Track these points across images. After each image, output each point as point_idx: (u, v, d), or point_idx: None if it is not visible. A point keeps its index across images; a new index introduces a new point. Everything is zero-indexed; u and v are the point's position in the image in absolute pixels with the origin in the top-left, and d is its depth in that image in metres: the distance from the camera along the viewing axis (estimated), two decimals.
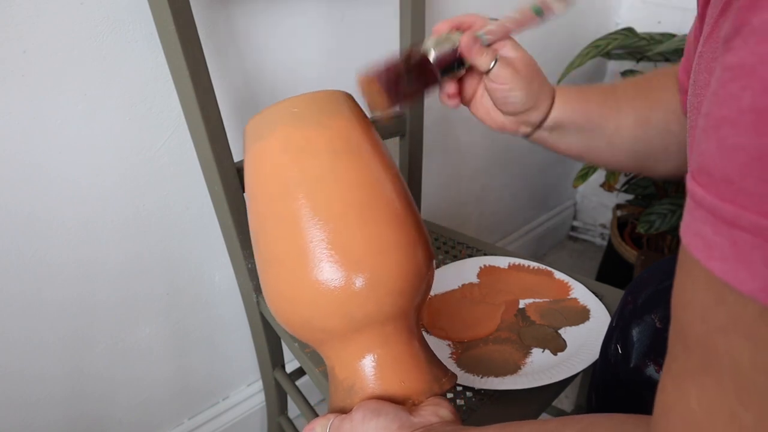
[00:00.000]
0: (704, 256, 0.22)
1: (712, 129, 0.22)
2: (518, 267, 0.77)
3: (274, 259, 0.42)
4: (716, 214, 0.22)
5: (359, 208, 0.41)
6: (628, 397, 0.48)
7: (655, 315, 0.47)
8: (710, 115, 0.23)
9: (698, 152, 0.23)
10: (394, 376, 0.42)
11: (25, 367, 0.70)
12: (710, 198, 0.22)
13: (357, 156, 0.43)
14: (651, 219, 1.04)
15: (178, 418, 0.92)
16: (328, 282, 0.39)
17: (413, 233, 0.43)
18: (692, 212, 0.23)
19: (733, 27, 0.22)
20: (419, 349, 0.44)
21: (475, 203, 1.28)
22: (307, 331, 0.42)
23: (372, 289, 0.40)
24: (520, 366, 0.61)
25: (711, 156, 0.22)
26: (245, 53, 0.72)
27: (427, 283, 0.45)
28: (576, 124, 0.52)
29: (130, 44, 0.62)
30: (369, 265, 0.40)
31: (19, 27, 0.54)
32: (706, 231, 0.22)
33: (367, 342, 0.42)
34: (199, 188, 0.75)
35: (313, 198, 0.41)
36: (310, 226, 0.40)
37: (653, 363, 0.45)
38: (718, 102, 0.22)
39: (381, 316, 0.41)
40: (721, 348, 0.22)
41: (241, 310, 0.88)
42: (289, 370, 0.86)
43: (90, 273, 0.70)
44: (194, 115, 0.59)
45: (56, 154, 0.62)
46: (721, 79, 0.22)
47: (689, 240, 0.24)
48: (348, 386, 0.42)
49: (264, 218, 0.43)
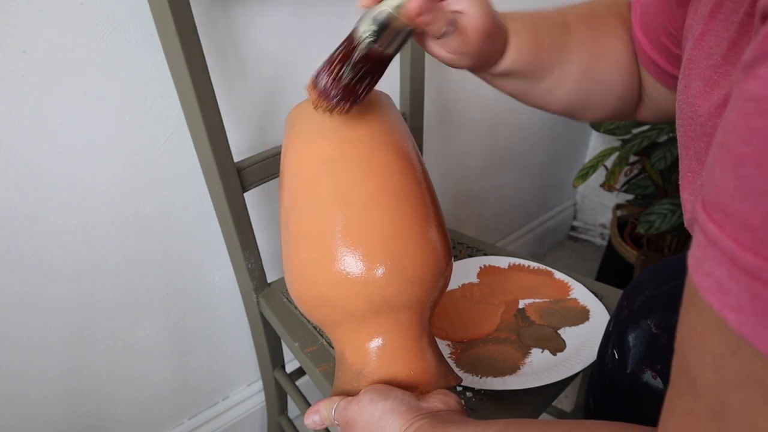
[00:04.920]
0: (718, 302, 0.21)
1: (732, 165, 0.20)
2: (518, 267, 0.77)
3: (301, 235, 0.43)
4: (734, 261, 0.20)
5: (390, 195, 0.42)
6: (625, 402, 0.48)
7: (651, 320, 0.46)
8: (729, 149, 0.21)
9: (712, 184, 0.21)
10: (404, 364, 0.43)
11: (26, 366, 0.70)
12: (727, 241, 0.20)
13: (394, 148, 0.44)
14: (651, 219, 1.04)
15: (178, 418, 0.92)
16: (353, 264, 0.41)
17: (437, 228, 0.45)
18: (704, 249, 0.22)
19: (759, 52, 0.20)
20: (430, 343, 0.45)
21: (475, 203, 1.28)
22: (325, 310, 0.43)
23: (393, 275, 0.41)
24: (520, 366, 0.61)
25: (728, 194, 0.20)
26: (245, 53, 0.72)
27: (445, 279, 0.46)
28: (523, 73, 0.48)
29: (130, 44, 0.62)
30: (394, 251, 0.41)
31: (19, 27, 0.54)
32: (721, 275, 0.20)
33: (381, 328, 0.43)
34: (199, 188, 0.75)
35: (347, 178, 0.42)
36: (339, 205, 0.42)
37: (650, 369, 0.45)
38: (738, 136, 0.20)
39: (398, 302, 0.42)
40: (736, 403, 0.21)
41: (241, 309, 0.89)
42: (289, 370, 0.86)
43: (90, 272, 0.70)
44: (194, 115, 0.59)
45: (56, 154, 0.62)
46: (743, 110, 0.20)
47: (700, 279, 0.22)
48: (357, 370, 0.43)
49: (297, 195, 0.44)
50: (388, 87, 0.85)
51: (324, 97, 0.41)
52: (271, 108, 0.78)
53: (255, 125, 0.77)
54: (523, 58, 0.47)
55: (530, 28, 0.48)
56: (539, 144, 1.36)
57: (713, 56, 0.33)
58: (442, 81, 1.00)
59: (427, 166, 0.48)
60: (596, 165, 1.12)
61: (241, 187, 0.66)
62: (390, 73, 0.46)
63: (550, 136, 1.37)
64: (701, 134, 0.36)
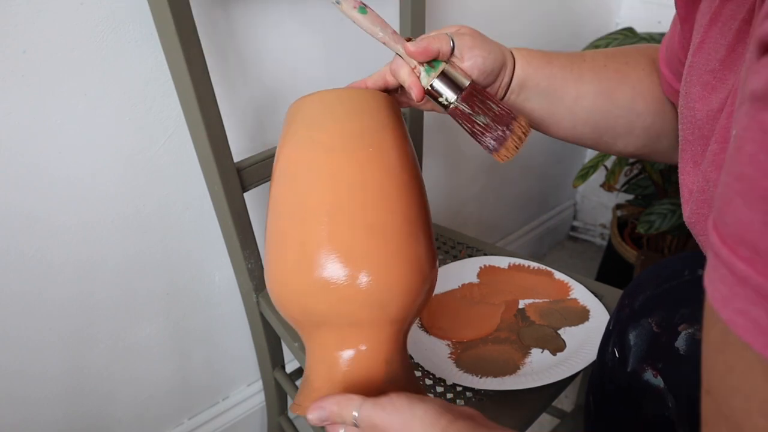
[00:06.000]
0: (760, 343, 0.20)
1: (758, 200, 0.20)
2: (518, 267, 0.77)
3: (284, 237, 0.42)
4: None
5: (375, 208, 0.41)
6: (625, 402, 0.48)
7: (652, 319, 0.47)
8: (752, 182, 0.20)
9: (735, 218, 0.21)
10: (380, 367, 0.42)
11: (26, 366, 0.70)
12: (760, 279, 0.19)
13: (382, 158, 0.42)
14: (651, 219, 1.04)
15: (178, 418, 0.92)
16: (334, 270, 0.39)
17: (423, 237, 0.43)
18: (731, 286, 0.21)
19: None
20: (405, 350, 0.45)
21: (475, 203, 1.28)
22: (304, 312, 0.42)
23: (376, 282, 0.40)
24: (520, 366, 0.61)
25: (755, 229, 0.20)
26: (245, 53, 0.72)
27: (430, 284, 0.44)
28: (539, 86, 0.50)
29: (130, 44, 0.62)
30: (375, 259, 0.40)
31: (19, 27, 0.54)
32: (759, 315, 0.20)
33: (362, 333, 0.42)
34: (199, 188, 0.75)
35: (332, 186, 0.41)
36: (325, 212, 0.40)
37: (650, 368, 0.45)
38: (760, 168, 0.20)
39: (379, 309, 0.41)
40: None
41: (241, 309, 0.88)
42: (289, 370, 0.86)
43: (90, 272, 0.70)
44: (194, 115, 0.59)
45: (56, 154, 0.62)
46: (762, 142, 0.19)
47: (732, 318, 0.21)
48: (330, 372, 0.42)
49: (284, 197, 0.43)
50: None
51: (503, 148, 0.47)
52: (271, 108, 0.78)
53: (255, 125, 0.77)
54: (533, 67, 0.49)
55: (537, 51, 0.51)
56: (539, 144, 1.36)
57: (712, 62, 0.33)
58: None
59: (427, 166, 0.48)
60: (596, 165, 1.12)
61: (241, 187, 0.66)
62: None
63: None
64: (698, 137, 0.37)
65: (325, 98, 0.44)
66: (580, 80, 0.51)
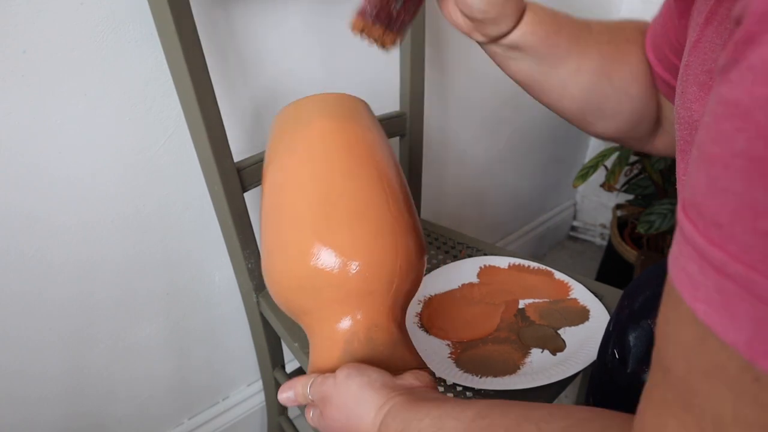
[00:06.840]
0: (689, 295, 0.22)
1: (704, 164, 0.21)
2: (518, 267, 0.77)
3: (284, 221, 0.47)
4: (704, 256, 0.21)
5: (358, 202, 0.45)
6: (625, 402, 0.48)
7: (651, 320, 0.47)
8: (703, 149, 0.22)
9: (691, 183, 0.22)
10: (376, 345, 0.45)
11: (26, 366, 0.70)
12: (699, 238, 0.21)
13: (368, 155, 0.48)
14: (651, 219, 1.04)
15: (178, 418, 0.92)
16: (329, 257, 0.44)
17: (404, 232, 0.47)
18: (680, 245, 0.23)
19: (731, 58, 0.20)
20: (402, 329, 0.47)
21: (475, 203, 1.28)
22: (301, 294, 0.46)
23: (366, 267, 0.44)
24: (520, 366, 0.61)
25: (701, 193, 0.21)
26: (245, 53, 0.72)
27: (418, 269, 0.49)
28: (537, 52, 0.47)
29: (130, 44, 0.62)
30: (368, 243, 0.44)
31: (19, 27, 0.54)
32: (693, 269, 0.22)
33: (356, 311, 0.45)
34: (199, 188, 0.75)
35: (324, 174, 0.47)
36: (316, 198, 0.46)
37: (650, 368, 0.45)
38: (710, 137, 0.21)
39: (371, 288, 0.45)
40: (703, 392, 0.22)
41: (241, 309, 0.88)
42: (289, 370, 0.86)
43: (90, 272, 0.70)
44: (194, 115, 0.59)
45: (56, 154, 0.62)
46: (715, 113, 0.21)
47: (675, 273, 0.23)
48: (331, 350, 0.45)
49: (284, 185, 0.48)
50: (388, 87, 0.85)
51: (386, 28, 0.44)
52: (271, 108, 0.78)
53: (255, 125, 0.77)
54: (539, 34, 0.46)
55: (550, 12, 0.47)
56: (539, 144, 1.36)
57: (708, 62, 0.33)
58: (443, 81, 1.00)
59: (426, 166, 0.49)
60: (596, 165, 1.12)
61: (241, 187, 0.66)
62: (390, 73, 0.47)
63: (550, 136, 1.37)
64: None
65: (300, 105, 0.50)
66: (583, 53, 0.48)
